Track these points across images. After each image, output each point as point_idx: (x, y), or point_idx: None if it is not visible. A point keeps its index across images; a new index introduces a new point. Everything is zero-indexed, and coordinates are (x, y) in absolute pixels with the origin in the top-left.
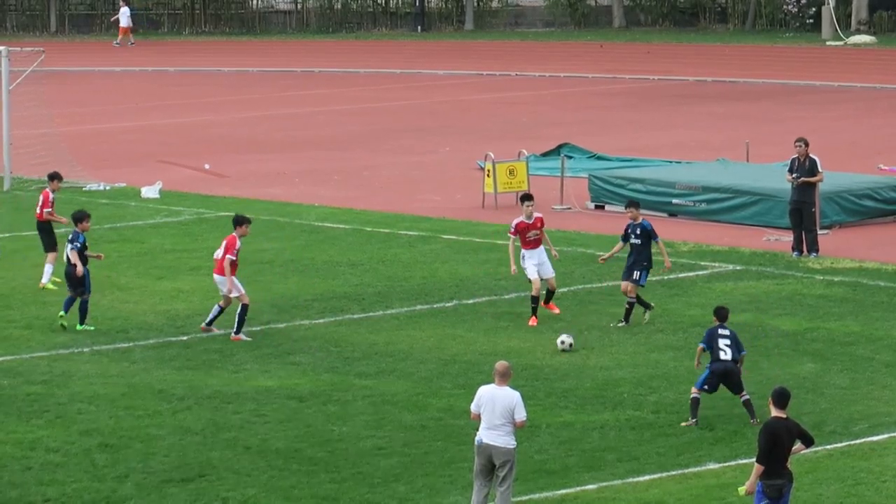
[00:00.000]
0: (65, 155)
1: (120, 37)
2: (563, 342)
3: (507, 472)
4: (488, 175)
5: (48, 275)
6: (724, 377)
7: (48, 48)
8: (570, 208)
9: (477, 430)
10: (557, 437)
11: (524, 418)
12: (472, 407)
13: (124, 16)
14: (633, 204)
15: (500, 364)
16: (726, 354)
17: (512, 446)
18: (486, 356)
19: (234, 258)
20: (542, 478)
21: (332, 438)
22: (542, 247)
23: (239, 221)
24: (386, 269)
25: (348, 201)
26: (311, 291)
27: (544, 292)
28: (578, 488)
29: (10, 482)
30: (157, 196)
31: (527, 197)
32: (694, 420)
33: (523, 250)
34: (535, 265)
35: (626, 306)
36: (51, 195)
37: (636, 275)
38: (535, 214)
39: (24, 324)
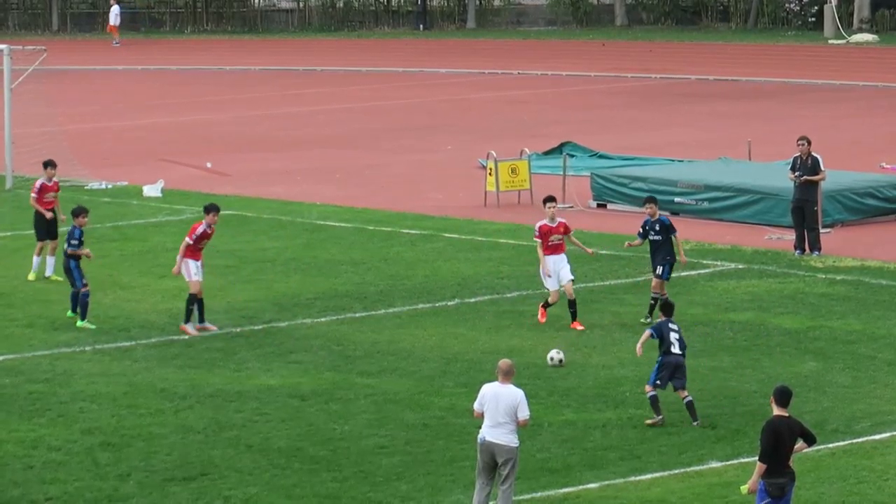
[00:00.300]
0: (67, 153)
1: (116, 36)
2: (552, 359)
3: (510, 471)
4: (490, 173)
5: (35, 266)
6: (675, 370)
7: (50, 47)
8: (572, 207)
9: (479, 428)
10: (559, 435)
11: (527, 416)
12: (475, 405)
13: (113, 14)
14: (651, 200)
15: (504, 362)
16: (676, 348)
17: (515, 445)
18: (488, 355)
19: (191, 242)
20: (543, 476)
21: (333, 437)
22: (563, 253)
23: (206, 209)
24: (388, 268)
25: (350, 200)
26: (313, 290)
27: (559, 287)
28: (580, 487)
29: (13, 481)
30: (159, 195)
31: (549, 199)
32: (659, 417)
33: (545, 256)
34: (555, 274)
35: (651, 302)
36: (37, 183)
37: (659, 270)
38: (559, 219)
39: (26, 322)
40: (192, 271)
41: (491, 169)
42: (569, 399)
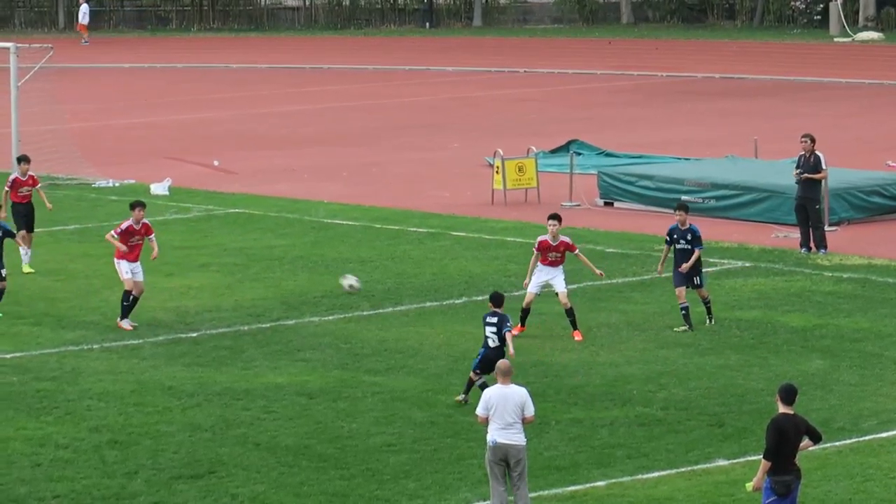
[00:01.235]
0: (73, 151)
1: (85, 35)
2: (348, 284)
3: (522, 471)
4: (497, 172)
5: (27, 259)
6: (491, 362)
7: (56, 45)
8: (579, 205)
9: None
10: (567, 433)
11: (534, 413)
12: (480, 410)
13: (82, 13)
14: (682, 207)
15: (503, 363)
16: (494, 342)
17: (524, 443)
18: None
19: (116, 235)
20: (551, 474)
21: (341, 435)
22: (560, 267)
23: (131, 206)
24: (395, 266)
25: (357, 198)
26: (321, 288)
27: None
28: (588, 485)
29: (20, 478)
30: (167, 193)
31: (552, 217)
32: (464, 396)
33: (539, 264)
34: (543, 280)
35: (683, 312)
36: (10, 178)
37: (696, 280)
38: (561, 238)
39: (34, 320)
40: (124, 270)
41: (498, 167)
42: (576, 397)
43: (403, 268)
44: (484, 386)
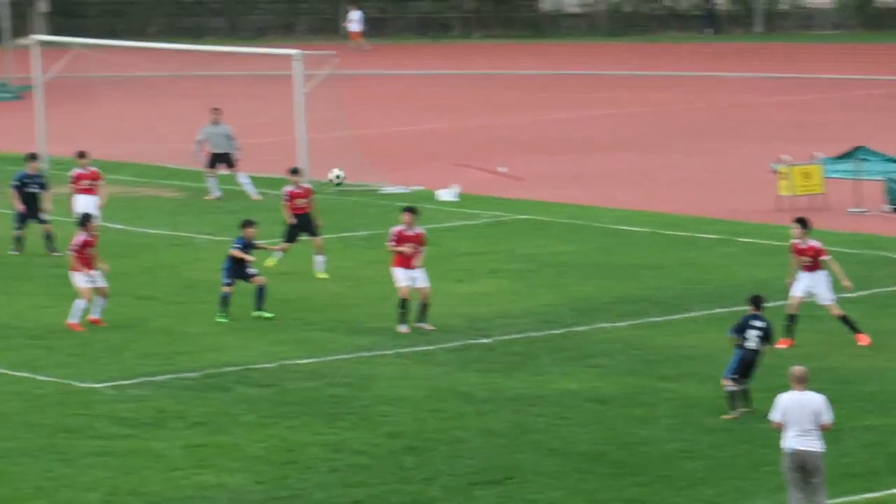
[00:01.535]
0: (360, 157)
1: (352, 42)
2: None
3: (821, 479)
4: (784, 178)
5: (276, 256)
6: (749, 366)
7: (340, 51)
8: (866, 211)
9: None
10: (862, 440)
11: (832, 421)
12: (776, 416)
13: (355, 21)
14: None
15: (798, 369)
16: (756, 345)
17: (823, 450)
18: (786, 360)
19: (394, 243)
20: (847, 482)
21: (636, 441)
22: (821, 272)
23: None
24: (684, 272)
25: (639, 203)
26: (611, 294)
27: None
28: (885, 492)
29: (318, 483)
30: (456, 199)
31: (796, 220)
32: (735, 412)
33: (801, 270)
34: (807, 287)
35: None
36: (286, 191)
37: None
38: (811, 242)
39: (327, 327)
40: (400, 278)
41: (785, 173)
42: (871, 404)
43: (692, 274)
44: (734, 395)
